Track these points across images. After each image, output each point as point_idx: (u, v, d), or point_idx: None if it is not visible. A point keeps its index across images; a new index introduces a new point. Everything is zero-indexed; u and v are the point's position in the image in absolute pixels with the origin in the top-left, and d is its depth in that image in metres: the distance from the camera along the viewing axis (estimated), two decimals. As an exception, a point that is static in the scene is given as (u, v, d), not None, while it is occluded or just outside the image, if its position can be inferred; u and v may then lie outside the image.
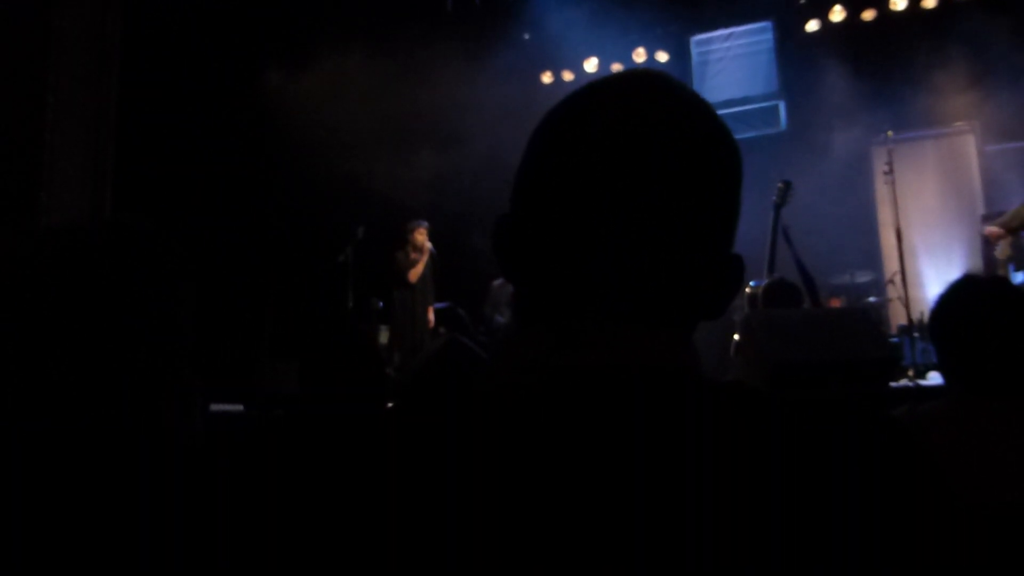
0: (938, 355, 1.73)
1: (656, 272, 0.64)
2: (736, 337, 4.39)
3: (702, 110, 0.69)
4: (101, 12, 4.43)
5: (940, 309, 1.69)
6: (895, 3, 7.72)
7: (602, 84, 0.71)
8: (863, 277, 7.28)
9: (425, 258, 7.08)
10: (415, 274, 7.03)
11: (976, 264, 7.28)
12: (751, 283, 5.36)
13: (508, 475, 0.56)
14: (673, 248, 0.64)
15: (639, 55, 8.58)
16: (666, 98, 0.68)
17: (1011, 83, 7.16)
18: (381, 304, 7.29)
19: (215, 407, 5.06)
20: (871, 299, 7.18)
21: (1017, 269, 5.88)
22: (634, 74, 0.72)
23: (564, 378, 0.61)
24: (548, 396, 0.60)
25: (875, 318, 6.84)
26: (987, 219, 7.07)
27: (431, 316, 7.13)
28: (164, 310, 0.99)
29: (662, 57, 8.55)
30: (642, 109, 0.66)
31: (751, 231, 5.98)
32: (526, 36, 8.44)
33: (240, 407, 5.07)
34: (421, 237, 7.08)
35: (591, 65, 8.73)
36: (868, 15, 7.84)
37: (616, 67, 8.71)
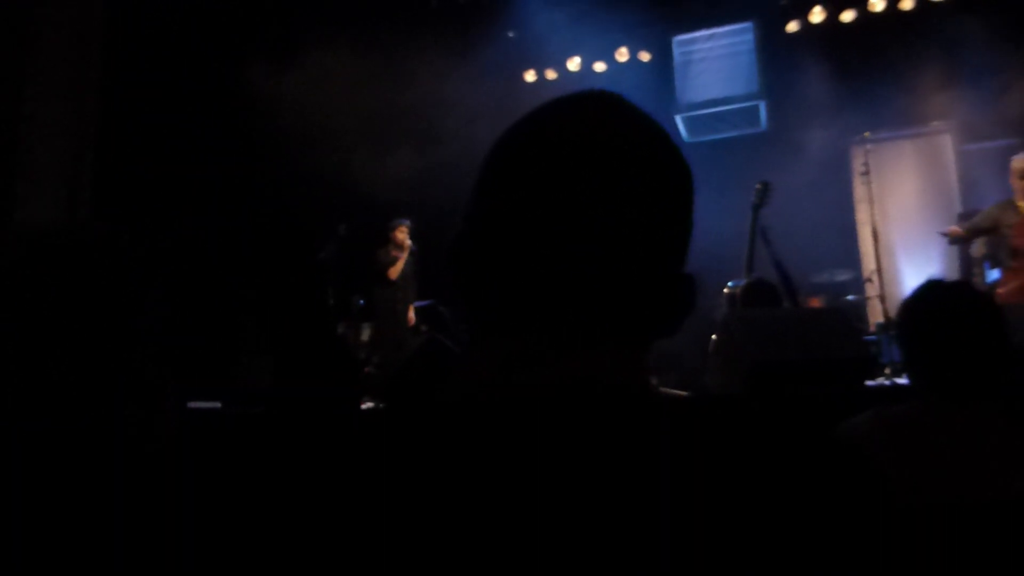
0: (904, 359, 1.75)
1: (608, 291, 0.65)
2: (714, 337, 4.41)
3: (654, 132, 0.71)
4: (83, 4, 4.40)
5: (904, 313, 1.71)
6: (874, 4, 7.77)
7: (556, 105, 0.72)
8: (842, 276, 7.33)
9: (406, 256, 7.09)
10: (395, 272, 7.04)
11: (953, 262, 7.37)
12: (730, 283, 5.39)
13: (454, 493, 0.57)
14: (625, 267, 0.66)
15: (622, 55, 8.59)
16: (618, 120, 0.69)
17: (987, 83, 7.23)
18: (362, 302, 7.28)
19: (193, 404, 5.03)
20: (850, 297, 7.23)
21: (992, 267, 5.95)
22: (588, 95, 0.73)
23: (514, 396, 0.63)
24: (498, 414, 0.61)
25: (854, 316, 6.90)
26: (964, 217, 7.14)
27: (412, 314, 7.13)
28: (132, 311, 0.99)
29: (644, 57, 8.56)
30: (594, 130, 0.68)
31: (730, 231, 6.05)
32: (510, 34, 8.42)
33: (218, 404, 5.05)
34: (402, 235, 7.11)
35: (574, 64, 8.73)
36: (847, 16, 7.89)
37: (599, 66, 8.73)
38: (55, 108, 4.09)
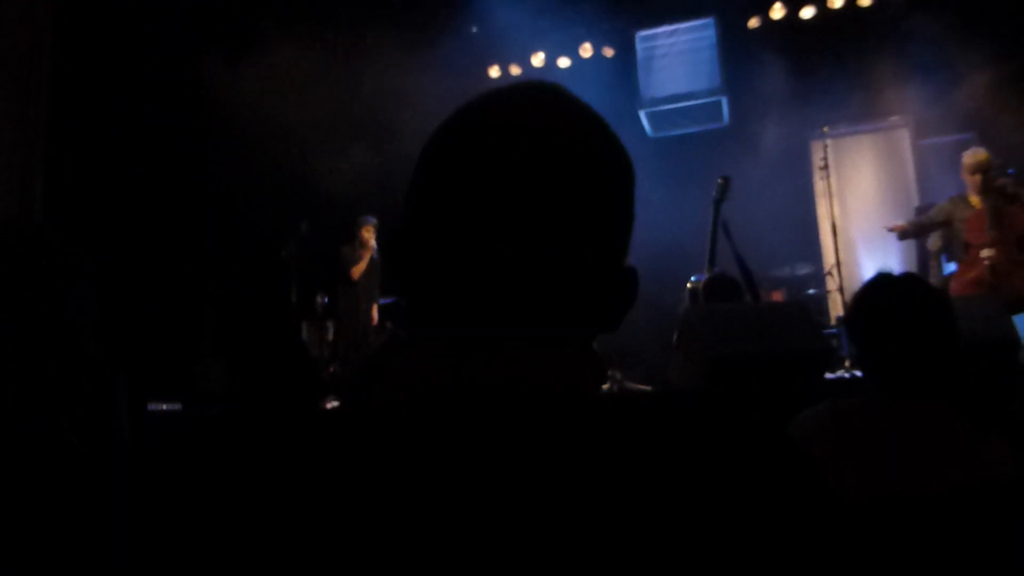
0: (855, 352, 1.77)
1: (546, 285, 0.64)
2: (677, 331, 4.45)
3: (594, 123, 0.70)
4: (32, 5, 4.31)
5: (854, 307, 1.73)
6: (833, 1, 7.88)
7: (493, 95, 0.71)
8: (803, 270, 7.42)
9: (369, 255, 7.04)
10: (358, 271, 7.00)
11: (911, 256, 7.49)
12: (692, 278, 5.44)
13: (390, 498, 0.57)
14: (563, 261, 0.65)
15: (585, 50, 8.62)
16: (557, 111, 0.69)
17: (943, 79, 7.37)
18: (326, 300, 7.22)
19: (153, 406, 4.97)
20: (811, 291, 7.33)
21: (949, 260, 6.06)
22: (527, 86, 0.72)
23: (450, 396, 0.62)
24: (433, 416, 0.61)
25: (814, 310, 6.99)
26: (921, 211, 7.27)
27: (375, 313, 7.09)
28: (72, 309, 0.97)
29: (608, 52, 8.60)
30: (532, 122, 0.67)
31: (693, 226, 6.10)
32: (473, 29, 8.41)
33: (178, 406, 4.99)
34: (368, 234, 7.06)
35: (538, 59, 8.74)
36: (807, 13, 7.99)
37: (563, 62, 8.75)
38: (5, 105, 3.99)
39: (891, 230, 5.97)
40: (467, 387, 0.62)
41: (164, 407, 5.04)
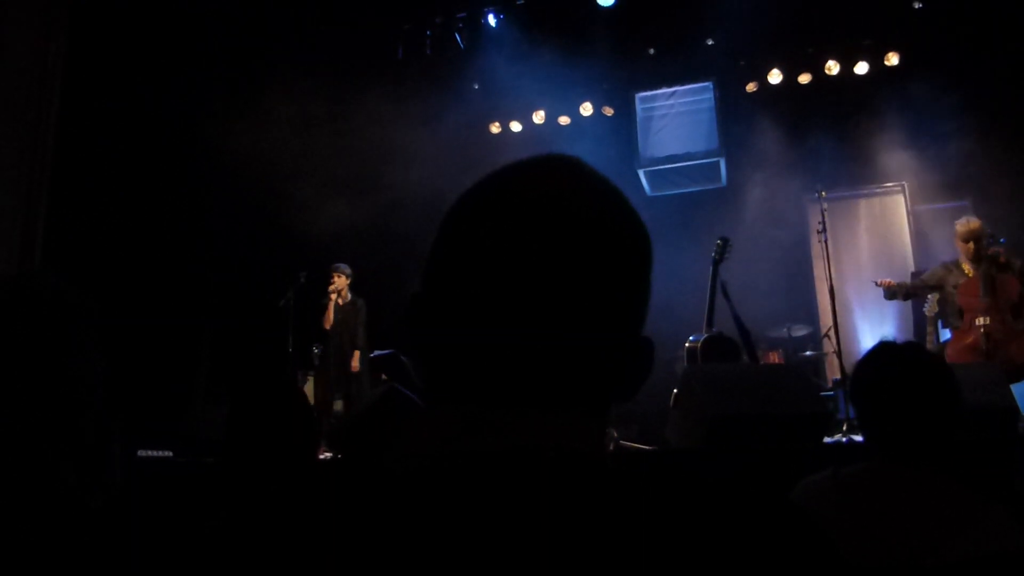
0: (857, 418, 1.77)
1: (562, 356, 0.65)
2: (675, 391, 4.43)
3: (613, 197, 0.71)
4: (37, 54, 4.37)
5: (857, 374, 1.73)
6: (830, 68, 8.04)
7: (514, 168, 0.72)
8: (800, 331, 7.43)
9: (333, 303, 6.99)
10: (327, 321, 6.97)
11: (908, 320, 7.51)
12: (691, 338, 5.44)
13: (400, 560, 0.56)
14: (579, 332, 0.65)
15: (586, 109, 8.75)
16: (577, 184, 0.69)
17: (938, 146, 7.49)
18: (318, 350, 7.18)
19: (143, 452, 4.92)
20: (808, 353, 7.33)
21: (945, 326, 6.07)
22: (547, 159, 0.73)
23: (465, 463, 0.62)
24: (448, 482, 0.60)
25: (811, 372, 6.99)
26: (916, 275, 7.32)
27: (355, 362, 6.99)
28: (67, 363, 0.97)
29: (608, 112, 8.74)
30: (550, 196, 0.67)
31: (692, 285, 6.12)
32: (475, 86, 8.55)
33: (169, 453, 4.94)
34: (339, 280, 7.02)
35: (539, 117, 8.88)
36: (804, 78, 8.16)
37: (563, 120, 8.87)
38: (7, 158, 4.03)
39: (879, 284, 5.99)
40: (482, 453, 0.62)
41: (155, 454, 4.99)
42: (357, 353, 6.97)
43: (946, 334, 6.04)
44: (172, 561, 0.60)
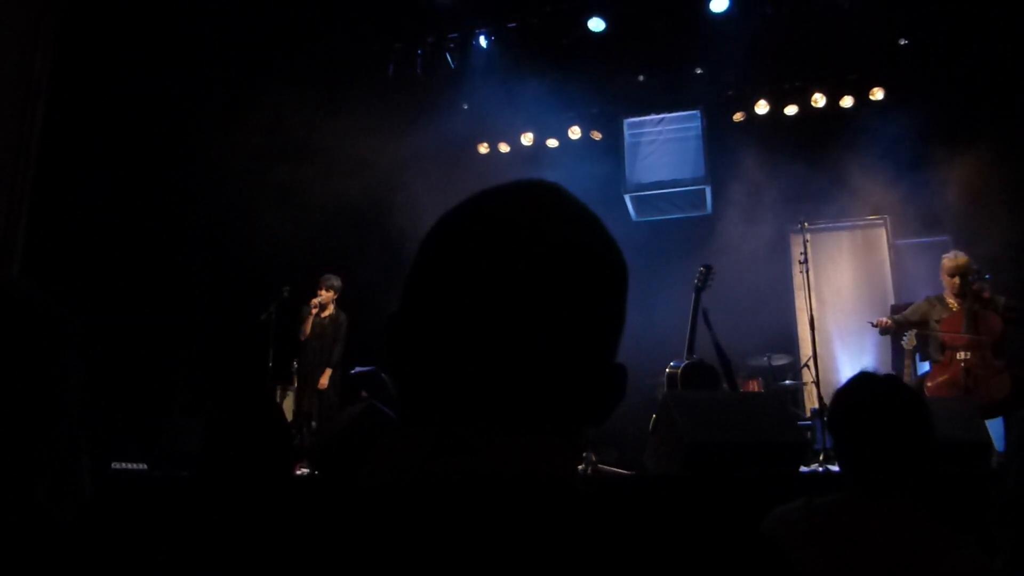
0: (834, 448, 1.78)
1: (536, 379, 0.65)
2: (654, 416, 4.44)
3: (590, 223, 0.71)
4: (23, 65, 4.36)
5: (835, 404, 1.74)
6: (816, 100, 8.15)
7: (495, 192, 0.73)
8: (780, 360, 7.46)
9: (313, 316, 6.86)
10: (303, 333, 6.85)
11: (886, 353, 7.56)
12: (671, 364, 5.46)
13: None
14: (556, 357, 0.66)
15: (574, 133, 8.81)
16: (554, 210, 0.70)
17: (921, 181, 7.58)
18: (297, 364, 7.07)
19: (117, 465, 4.87)
20: (787, 382, 7.36)
21: (923, 359, 6.13)
22: (527, 185, 0.74)
23: (436, 484, 0.62)
24: (419, 502, 0.61)
25: (790, 401, 7.02)
26: (896, 309, 7.38)
27: (324, 380, 6.85)
28: (42, 374, 0.96)
29: (596, 136, 8.80)
30: (529, 220, 0.68)
31: (674, 311, 6.15)
32: (465, 106, 8.58)
33: (144, 466, 4.89)
34: (324, 293, 6.91)
35: (527, 139, 8.93)
36: (790, 110, 8.26)
37: (552, 143, 8.93)
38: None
39: (875, 325, 6.02)
40: (454, 474, 0.62)
41: (130, 466, 4.94)
42: (328, 371, 6.84)
43: (924, 367, 6.09)
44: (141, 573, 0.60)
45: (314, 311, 6.85)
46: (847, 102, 8.08)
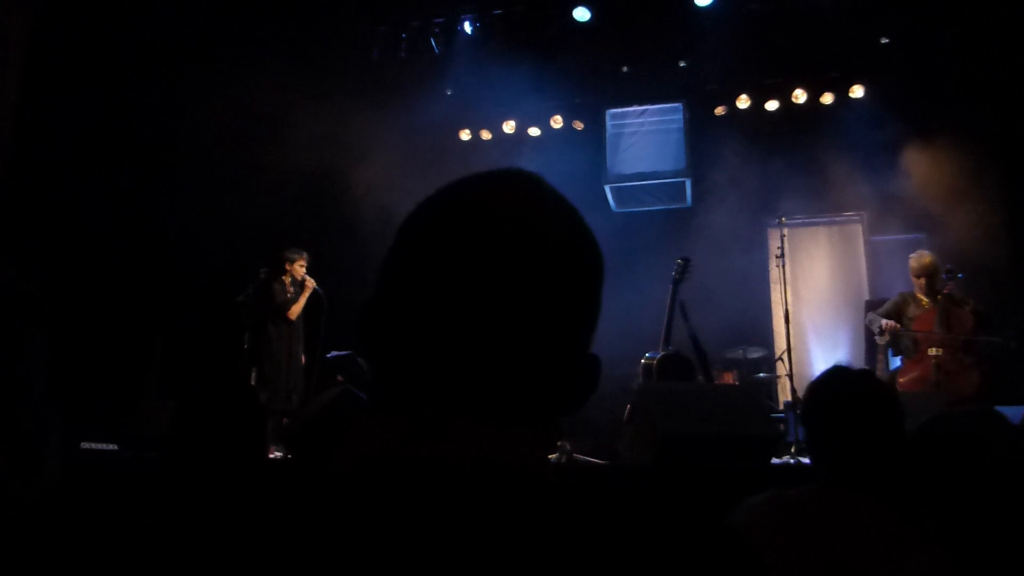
0: (806, 440, 1.80)
1: (508, 368, 0.66)
2: (629, 406, 4.47)
3: (567, 215, 0.72)
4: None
5: (808, 397, 1.76)
6: (797, 96, 8.20)
7: (473, 181, 0.73)
8: (755, 353, 7.53)
9: (307, 294, 6.67)
10: (296, 311, 6.63)
11: (859, 347, 7.65)
12: (647, 354, 5.49)
13: (337, 564, 0.57)
14: (530, 347, 0.66)
15: (556, 122, 8.81)
16: (532, 201, 0.70)
17: (897, 179, 7.66)
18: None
19: (87, 445, 4.82)
20: (761, 375, 7.43)
21: (895, 354, 6.20)
22: (506, 174, 0.74)
23: (407, 471, 0.62)
24: (389, 488, 0.61)
25: (764, 394, 7.09)
26: (871, 305, 7.47)
27: (302, 356, 6.72)
28: (5, 351, 0.95)
29: (578, 126, 8.80)
30: (507, 211, 0.68)
31: (651, 302, 6.17)
32: (448, 92, 8.55)
33: (114, 446, 4.85)
34: (301, 269, 6.69)
35: (509, 127, 8.90)
36: (771, 105, 8.30)
37: (534, 131, 8.91)
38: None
39: (884, 329, 5.86)
40: (424, 462, 0.62)
41: (100, 446, 4.89)
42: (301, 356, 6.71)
43: (895, 362, 6.16)
44: (110, 559, 0.59)
45: (310, 284, 6.64)
46: (827, 99, 8.14)
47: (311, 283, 6.68)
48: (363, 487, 0.61)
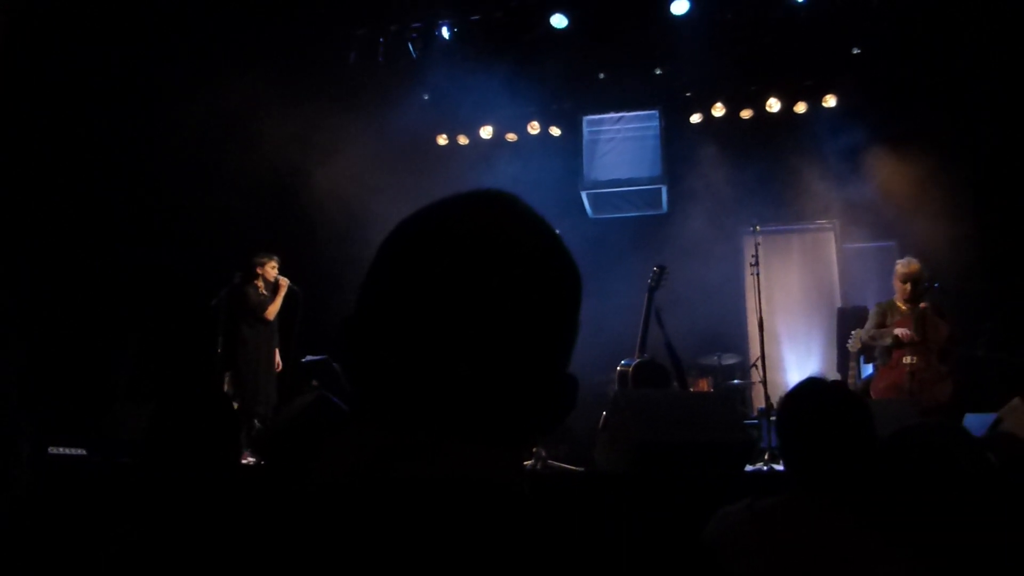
0: (781, 448, 1.83)
1: (489, 389, 0.66)
2: (605, 413, 4.48)
3: (545, 236, 0.72)
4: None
5: (783, 406, 1.79)
6: (771, 105, 8.28)
7: (452, 202, 0.73)
8: (729, 360, 7.58)
9: (283, 293, 6.67)
10: (273, 311, 6.61)
11: (831, 354, 7.74)
12: (623, 362, 5.51)
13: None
14: (507, 367, 0.67)
15: (533, 128, 8.83)
16: (511, 222, 0.71)
17: (869, 188, 7.77)
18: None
19: (55, 450, 4.76)
20: (736, 381, 7.48)
21: (867, 361, 6.26)
22: (485, 195, 0.74)
23: (383, 486, 0.62)
24: (363, 502, 0.61)
25: (738, 400, 7.14)
26: (843, 312, 7.56)
27: (278, 358, 6.74)
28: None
29: (555, 131, 8.83)
30: (486, 233, 0.69)
31: (625, 307, 6.19)
32: (425, 96, 8.53)
33: (82, 451, 4.79)
34: (273, 271, 6.70)
35: (486, 132, 8.91)
36: (746, 114, 8.38)
37: (510, 137, 8.92)
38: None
39: (901, 337, 5.74)
40: (399, 479, 0.63)
41: (68, 451, 4.83)
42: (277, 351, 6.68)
43: (867, 369, 6.22)
44: (79, 563, 0.59)
45: (284, 284, 6.65)
46: (801, 108, 8.23)
47: (285, 282, 6.68)
48: (339, 501, 0.62)
